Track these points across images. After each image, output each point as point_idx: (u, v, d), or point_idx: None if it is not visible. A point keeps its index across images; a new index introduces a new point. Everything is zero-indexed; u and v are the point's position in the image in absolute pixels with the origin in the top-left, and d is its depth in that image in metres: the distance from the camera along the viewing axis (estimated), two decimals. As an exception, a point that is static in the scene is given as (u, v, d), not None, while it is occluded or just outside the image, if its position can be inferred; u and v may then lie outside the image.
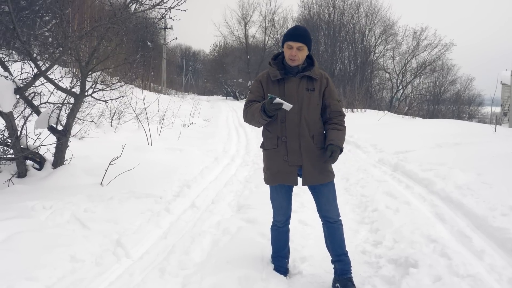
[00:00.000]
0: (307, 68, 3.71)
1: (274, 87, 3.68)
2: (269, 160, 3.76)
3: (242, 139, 13.60)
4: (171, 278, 3.88)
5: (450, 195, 6.06)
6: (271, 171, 3.74)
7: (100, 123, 11.47)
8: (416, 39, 38.23)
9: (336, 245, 3.80)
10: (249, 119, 3.68)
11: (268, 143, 3.75)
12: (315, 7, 42.17)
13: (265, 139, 3.80)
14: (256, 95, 3.73)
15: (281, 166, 3.67)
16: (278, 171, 3.69)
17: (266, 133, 3.77)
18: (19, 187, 6.02)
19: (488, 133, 11.53)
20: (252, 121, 3.66)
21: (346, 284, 3.70)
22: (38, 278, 3.62)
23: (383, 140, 11.13)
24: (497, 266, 3.99)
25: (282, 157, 3.66)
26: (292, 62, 3.63)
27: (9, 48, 6.69)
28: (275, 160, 3.70)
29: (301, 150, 3.64)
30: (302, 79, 3.67)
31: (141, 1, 6.47)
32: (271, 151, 3.72)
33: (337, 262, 3.80)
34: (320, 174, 3.69)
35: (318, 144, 3.69)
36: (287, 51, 3.62)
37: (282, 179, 3.70)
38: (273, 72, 3.69)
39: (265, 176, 3.83)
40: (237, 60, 49.96)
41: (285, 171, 3.67)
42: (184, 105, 21.53)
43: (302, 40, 3.57)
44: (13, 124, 6.22)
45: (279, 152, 3.67)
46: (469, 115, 40.41)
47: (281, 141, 3.66)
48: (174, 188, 6.75)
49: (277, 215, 3.89)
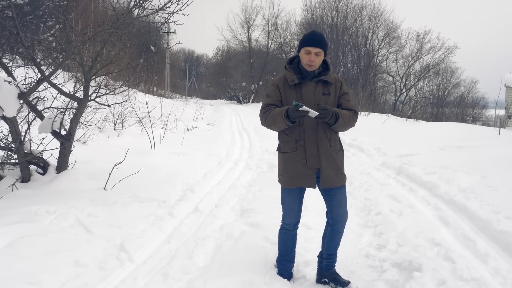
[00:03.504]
0: (323, 73, 3.76)
1: (291, 91, 3.71)
2: (287, 163, 3.77)
3: (245, 143, 13.60)
4: (175, 283, 3.88)
5: (454, 199, 6.05)
6: (289, 174, 3.75)
7: (103, 128, 11.49)
8: (420, 42, 38.14)
9: (332, 246, 3.94)
10: (269, 123, 3.69)
11: (286, 147, 3.78)
12: (318, 10, 42.20)
13: (282, 142, 3.82)
14: (273, 99, 3.75)
15: (300, 169, 3.70)
16: (297, 174, 3.71)
17: (284, 136, 3.79)
18: (23, 192, 6.04)
19: (492, 136, 11.50)
20: (273, 126, 3.68)
21: (335, 278, 3.91)
22: (41, 282, 3.62)
23: (386, 143, 11.11)
24: (501, 269, 3.98)
25: (301, 161, 3.69)
26: (310, 67, 3.67)
27: (13, 53, 6.71)
28: (293, 163, 3.72)
29: (319, 154, 3.69)
30: (318, 83, 3.72)
31: (144, 6, 6.49)
32: (289, 154, 3.75)
33: (326, 259, 3.96)
34: (336, 176, 3.77)
35: (334, 147, 3.77)
36: (305, 56, 3.65)
37: (301, 182, 3.74)
38: (291, 76, 3.72)
39: (282, 179, 3.84)
40: (240, 64, 49.94)
41: (304, 174, 3.70)
42: (187, 109, 21.53)
43: (320, 45, 3.62)
44: (17, 129, 6.23)
45: (298, 156, 3.70)
46: (473, 118, 40.27)
47: (300, 144, 3.70)
48: (178, 192, 6.74)
49: (287, 218, 3.90)
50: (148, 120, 12.17)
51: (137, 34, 14.91)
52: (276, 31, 49.52)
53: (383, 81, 40.18)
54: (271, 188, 6.99)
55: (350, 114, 3.73)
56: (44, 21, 11.50)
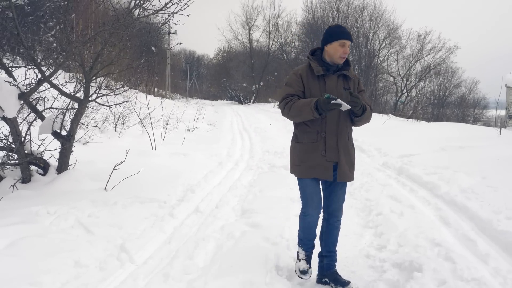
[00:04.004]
0: (344, 68, 3.78)
1: (315, 82, 3.70)
2: (304, 153, 3.75)
3: (246, 143, 13.60)
4: (175, 283, 3.88)
5: (454, 199, 6.04)
6: (307, 164, 3.73)
7: (104, 128, 11.49)
8: (420, 43, 38.09)
9: (330, 242, 3.95)
10: (292, 114, 3.64)
11: (305, 137, 3.76)
12: (319, 11, 42.14)
13: (302, 132, 3.78)
14: (296, 89, 3.71)
15: (319, 160, 3.70)
16: (315, 165, 3.70)
17: (304, 127, 3.75)
18: (23, 193, 6.04)
19: (493, 136, 11.50)
20: (296, 117, 3.66)
21: (335, 278, 3.89)
22: (42, 283, 3.62)
23: (387, 143, 11.11)
24: (501, 269, 3.98)
25: (320, 152, 3.69)
26: (342, 60, 3.69)
27: (14, 54, 6.72)
28: (311, 154, 3.71)
29: (338, 147, 3.71)
30: (339, 77, 3.74)
31: (144, 7, 6.49)
32: (309, 145, 3.73)
33: (326, 257, 3.96)
34: (350, 172, 3.82)
35: (351, 141, 3.83)
36: (339, 48, 3.65)
37: (318, 173, 3.73)
38: (316, 67, 3.71)
39: (297, 169, 3.80)
40: (241, 64, 49.99)
41: (322, 166, 3.70)
42: (188, 109, 21.55)
43: (351, 39, 3.69)
44: (17, 129, 6.24)
45: (318, 147, 3.70)
46: (474, 118, 40.21)
47: (321, 136, 3.70)
48: (178, 192, 6.74)
49: (310, 207, 3.80)
50: (149, 120, 12.17)
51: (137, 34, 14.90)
52: (277, 32, 49.62)
53: (384, 82, 40.14)
54: (272, 189, 7.01)
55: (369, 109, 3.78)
56: (45, 22, 11.51)
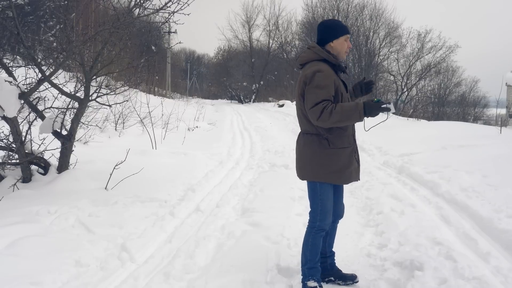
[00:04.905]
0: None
1: (339, 81, 3.55)
2: (344, 158, 3.56)
3: (246, 142, 13.59)
4: (176, 282, 3.87)
5: (455, 197, 6.04)
6: (349, 169, 3.60)
7: (104, 128, 11.50)
8: (421, 41, 38.08)
9: (332, 241, 3.99)
10: (335, 120, 3.32)
11: (340, 142, 3.54)
12: (319, 10, 42.14)
13: (337, 137, 3.53)
14: (331, 93, 3.42)
15: (355, 164, 3.67)
16: (354, 169, 3.66)
17: (339, 131, 3.53)
18: (24, 192, 6.04)
19: (493, 135, 11.48)
20: (340, 123, 3.38)
21: (341, 275, 3.93)
22: (43, 282, 3.62)
23: (388, 142, 11.09)
24: (502, 268, 3.97)
25: (354, 156, 3.66)
26: (346, 55, 3.63)
27: (14, 53, 6.72)
28: (351, 158, 3.62)
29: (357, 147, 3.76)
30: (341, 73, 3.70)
31: (144, 6, 6.49)
32: (346, 149, 3.58)
33: (329, 258, 3.97)
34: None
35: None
36: (345, 43, 3.57)
37: (355, 177, 3.71)
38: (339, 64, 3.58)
39: (334, 176, 3.55)
40: (242, 63, 49.96)
41: (357, 169, 3.71)
42: (188, 109, 21.51)
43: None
44: (18, 129, 6.24)
45: (353, 151, 3.65)
46: (474, 117, 40.25)
47: (354, 139, 3.68)
48: (179, 192, 6.74)
49: (328, 217, 3.62)
50: (149, 120, 12.17)
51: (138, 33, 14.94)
52: (277, 31, 49.59)
53: (384, 80, 40.11)
54: (273, 188, 7.00)
55: None
56: (45, 21, 11.52)
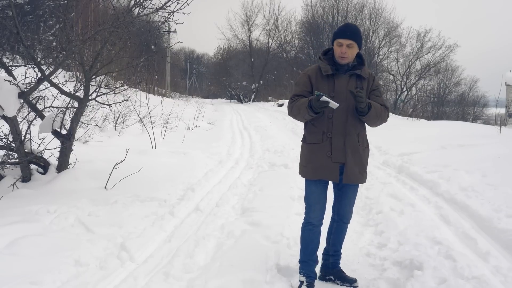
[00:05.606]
0: (357, 67, 3.71)
1: (324, 82, 3.64)
2: (311, 154, 3.70)
3: (246, 142, 13.59)
4: (175, 282, 3.87)
5: (454, 197, 6.04)
6: (312, 165, 3.68)
7: (104, 127, 11.49)
8: (420, 41, 38.19)
9: (337, 242, 3.97)
10: (294, 113, 3.67)
11: (311, 138, 3.71)
12: (318, 9, 42.20)
13: (308, 133, 3.75)
14: (302, 89, 3.69)
15: (324, 161, 3.64)
16: (320, 166, 3.65)
17: (311, 127, 3.72)
18: (24, 192, 6.04)
19: (493, 134, 11.48)
20: (298, 116, 3.66)
21: (341, 276, 3.93)
22: (42, 282, 3.62)
23: (387, 142, 11.09)
24: (502, 267, 3.98)
25: (326, 153, 3.63)
26: (342, 59, 3.62)
27: (13, 53, 6.71)
28: (317, 154, 3.66)
29: (346, 148, 3.64)
30: (351, 77, 3.67)
31: (144, 5, 6.49)
32: (315, 145, 3.68)
33: (332, 256, 3.98)
34: (360, 174, 3.75)
35: (362, 143, 3.74)
36: (337, 48, 3.61)
37: (323, 175, 3.68)
38: (325, 66, 3.65)
39: (304, 170, 3.76)
40: (241, 63, 49.98)
41: (328, 167, 3.65)
42: (188, 108, 21.50)
43: (353, 37, 3.57)
44: (17, 128, 6.23)
45: (323, 148, 3.64)
46: (474, 116, 40.24)
47: (327, 136, 3.64)
48: (178, 191, 6.73)
49: (313, 212, 3.77)
50: (148, 119, 12.16)
51: (137, 33, 14.92)
52: (276, 30, 49.63)
53: (383, 80, 40.12)
54: (272, 187, 7.01)
55: (382, 107, 3.70)
56: (45, 21, 11.52)
